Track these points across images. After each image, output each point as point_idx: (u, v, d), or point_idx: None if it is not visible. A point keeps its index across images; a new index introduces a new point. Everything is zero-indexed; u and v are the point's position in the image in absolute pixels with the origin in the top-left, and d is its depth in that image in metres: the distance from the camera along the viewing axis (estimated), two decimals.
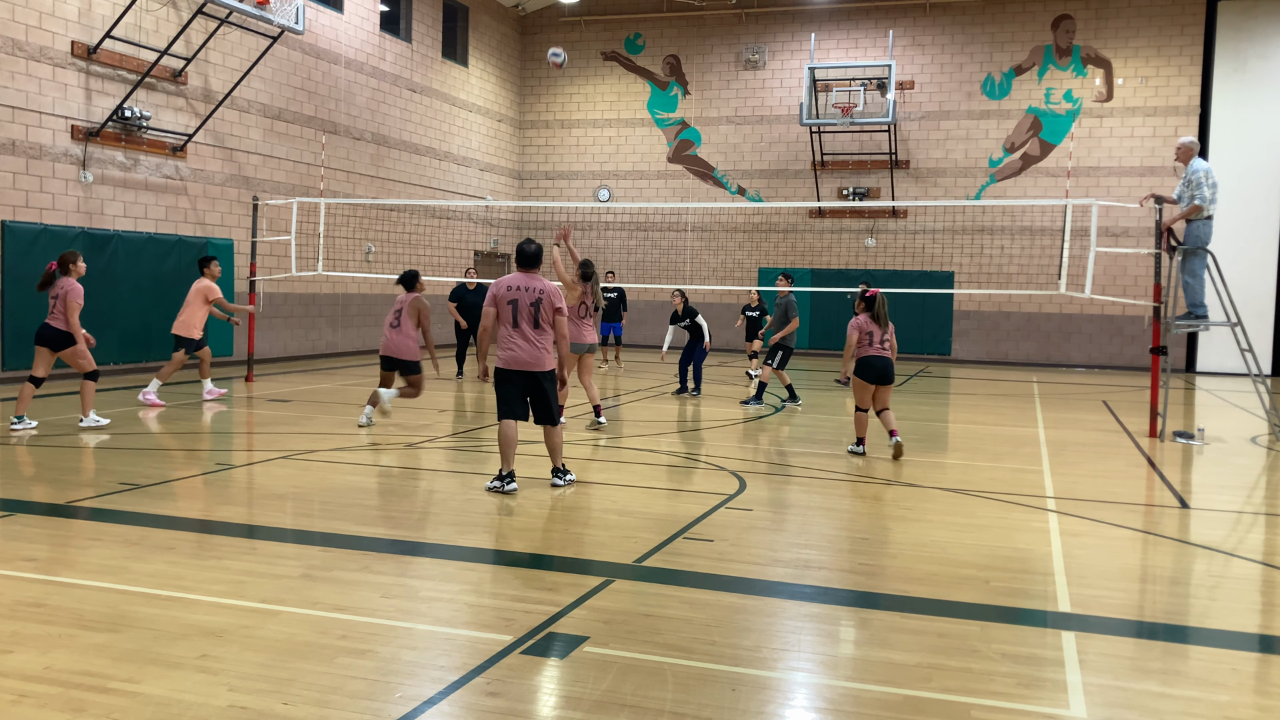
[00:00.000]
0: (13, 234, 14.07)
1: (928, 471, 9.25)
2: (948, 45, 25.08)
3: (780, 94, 26.17)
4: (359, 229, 21.14)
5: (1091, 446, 11.10)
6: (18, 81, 14.20)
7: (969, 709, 3.94)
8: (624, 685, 4.06)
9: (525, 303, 7.85)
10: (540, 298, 7.86)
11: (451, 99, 24.71)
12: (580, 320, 11.47)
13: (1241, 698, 4.13)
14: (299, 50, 19.44)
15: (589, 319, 11.63)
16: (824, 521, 7.22)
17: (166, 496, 7.39)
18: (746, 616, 4.99)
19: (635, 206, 26.33)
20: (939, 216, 24.98)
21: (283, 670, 4.12)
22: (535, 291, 7.87)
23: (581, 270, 11.48)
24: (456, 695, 3.94)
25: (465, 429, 11.57)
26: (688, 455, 9.89)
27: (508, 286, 7.90)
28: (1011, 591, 5.54)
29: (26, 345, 14.35)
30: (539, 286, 7.91)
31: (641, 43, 27.11)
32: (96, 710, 3.73)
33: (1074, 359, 24.29)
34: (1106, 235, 23.32)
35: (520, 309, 7.84)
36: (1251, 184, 22.66)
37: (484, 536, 6.53)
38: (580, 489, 8.14)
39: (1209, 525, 7.36)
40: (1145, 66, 23.86)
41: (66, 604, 4.90)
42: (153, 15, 16.10)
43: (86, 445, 9.57)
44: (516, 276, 7.98)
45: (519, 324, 7.84)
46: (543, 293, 7.88)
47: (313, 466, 8.77)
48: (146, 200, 16.34)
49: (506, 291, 7.89)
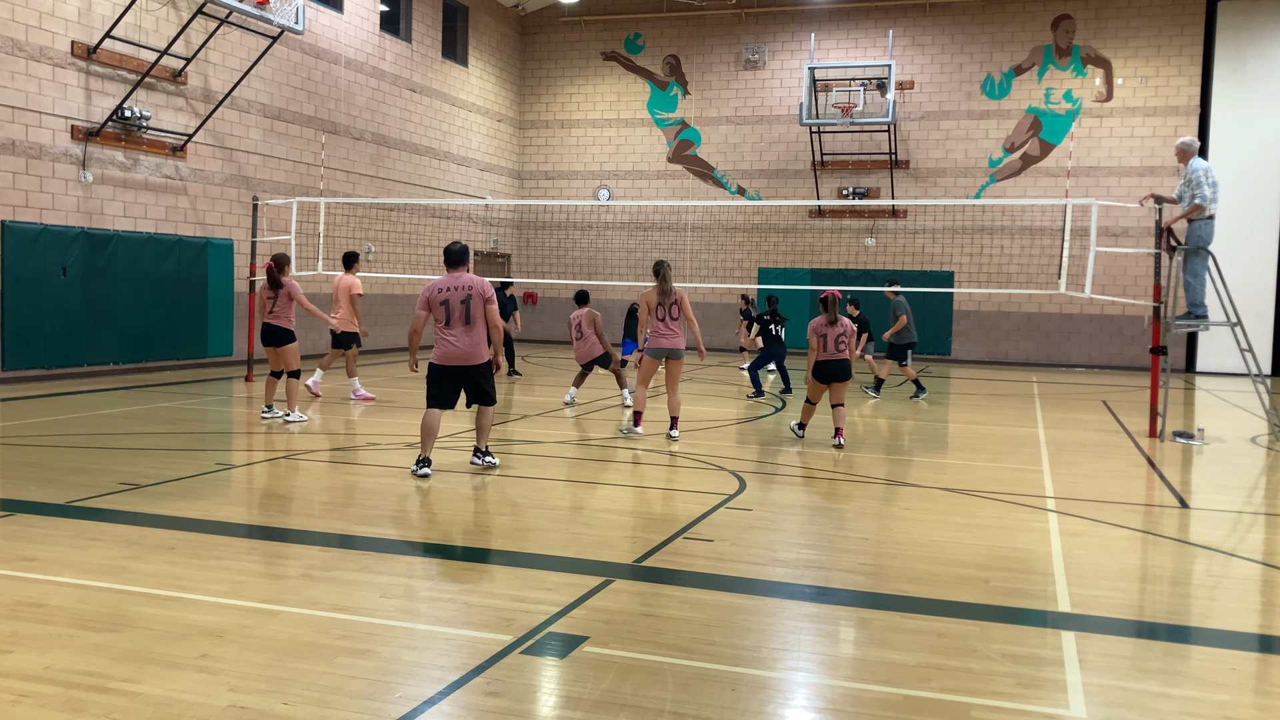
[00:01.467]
0: (13, 234, 14.07)
1: (928, 471, 9.25)
2: (948, 45, 25.08)
3: (780, 94, 26.17)
4: (359, 229, 21.15)
5: (1091, 446, 11.09)
6: (17, 81, 14.19)
7: (969, 709, 3.94)
8: (624, 685, 4.06)
9: (456, 300, 8.26)
10: (470, 294, 8.28)
11: (451, 99, 24.71)
12: (661, 323, 10.71)
13: (1241, 698, 4.13)
14: (299, 50, 19.44)
15: (672, 321, 10.73)
16: (824, 521, 7.22)
17: (166, 496, 7.39)
18: (746, 616, 4.99)
19: (635, 206, 26.35)
20: (939, 216, 24.99)
21: (283, 670, 4.12)
22: (465, 289, 8.28)
23: (655, 268, 10.79)
24: (456, 695, 3.94)
25: (466, 429, 11.56)
26: (688, 455, 9.88)
27: (438, 289, 8.34)
28: (1011, 591, 5.54)
29: (27, 345, 14.37)
30: (467, 283, 8.33)
31: (641, 43, 27.11)
32: (96, 710, 3.72)
33: (1074, 359, 24.29)
34: (1106, 235, 23.32)
35: (452, 307, 8.26)
36: (1251, 184, 22.66)
37: (484, 536, 6.53)
38: (580, 489, 8.14)
39: (1209, 525, 7.36)
40: (1145, 66, 23.86)
41: (66, 604, 4.90)
42: (152, 15, 16.10)
43: (86, 446, 9.57)
44: (447, 278, 8.40)
45: (451, 323, 8.28)
46: (472, 288, 8.30)
47: (312, 466, 8.77)
48: (146, 200, 16.34)
49: (438, 293, 8.32)
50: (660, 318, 10.71)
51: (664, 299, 10.68)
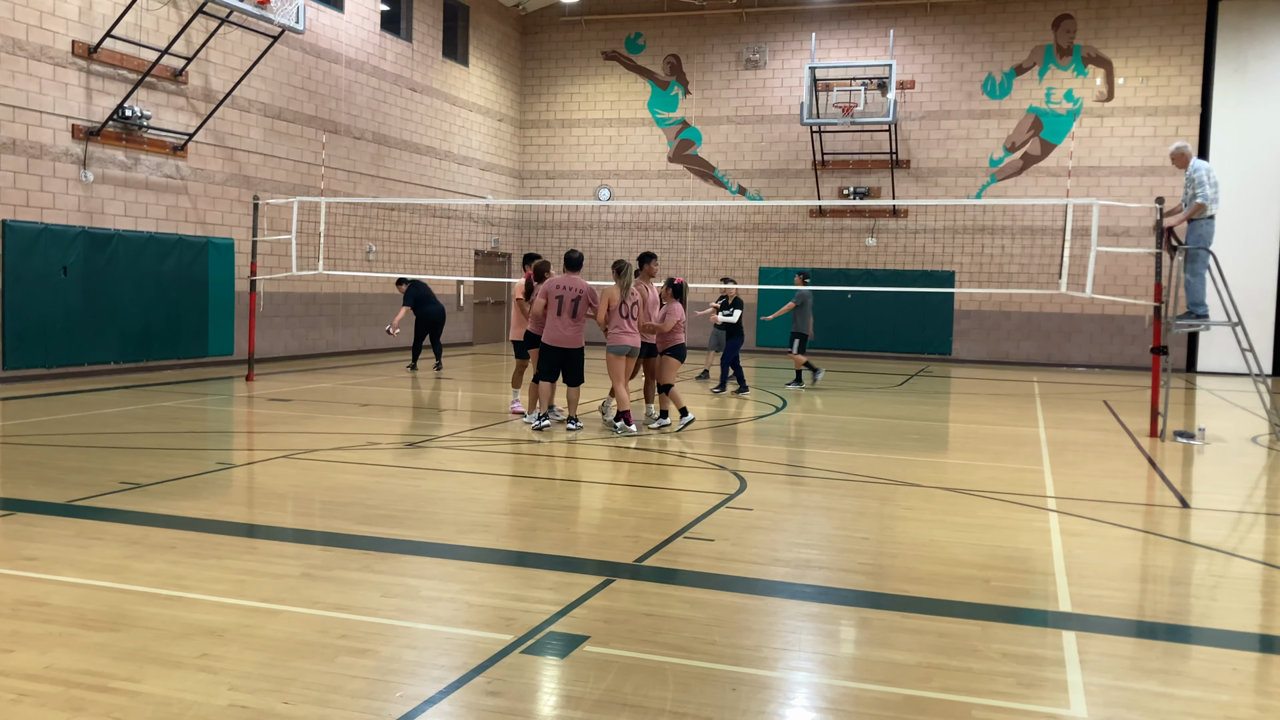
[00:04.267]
0: (13, 233, 14.07)
1: (928, 471, 9.25)
2: (948, 45, 25.07)
3: (781, 93, 26.16)
4: (359, 228, 21.15)
5: (1092, 446, 11.09)
6: (18, 81, 14.20)
7: (969, 709, 3.94)
8: (624, 685, 4.06)
9: (569, 299, 10.68)
10: (580, 296, 10.71)
11: (452, 98, 24.71)
12: (625, 320, 10.85)
13: (1242, 697, 4.13)
14: (299, 50, 19.44)
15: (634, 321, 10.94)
16: (824, 521, 7.22)
17: (167, 496, 7.39)
18: (747, 616, 4.99)
19: (636, 205, 26.34)
20: (939, 216, 24.98)
21: (283, 669, 4.12)
22: (576, 291, 10.73)
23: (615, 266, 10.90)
24: (457, 694, 3.94)
25: (466, 429, 11.56)
26: (688, 455, 9.89)
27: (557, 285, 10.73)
28: (1012, 591, 5.54)
29: (28, 344, 14.37)
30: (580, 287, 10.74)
31: (642, 42, 27.10)
32: (97, 709, 3.73)
33: (1074, 359, 24.28)
34: (1107, 235, 23.31)
35: (564, 303, 10.67)
36: (1251, 184, 22.65)
37: (484, 536, 6.53)
38: (580, 489, 8.14)
39: (1210, 525, 7.36)
40: (1146, 66, 23.85)
41: (67, 603, 4.90)
42: (153, 15, 16.10)
43: (87, 445, 9.58)
44: (564, 278, 10.77)
45: (561, 314, 10.68)
46: (581, 292, 10.70)
47: (313, 466, 8.77)
48: (147, 200, 16.34)
49: (556, 289, 10.71)
50: (624, 315, 10.86)
51: (626, 296, 10.83)
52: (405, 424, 11.55)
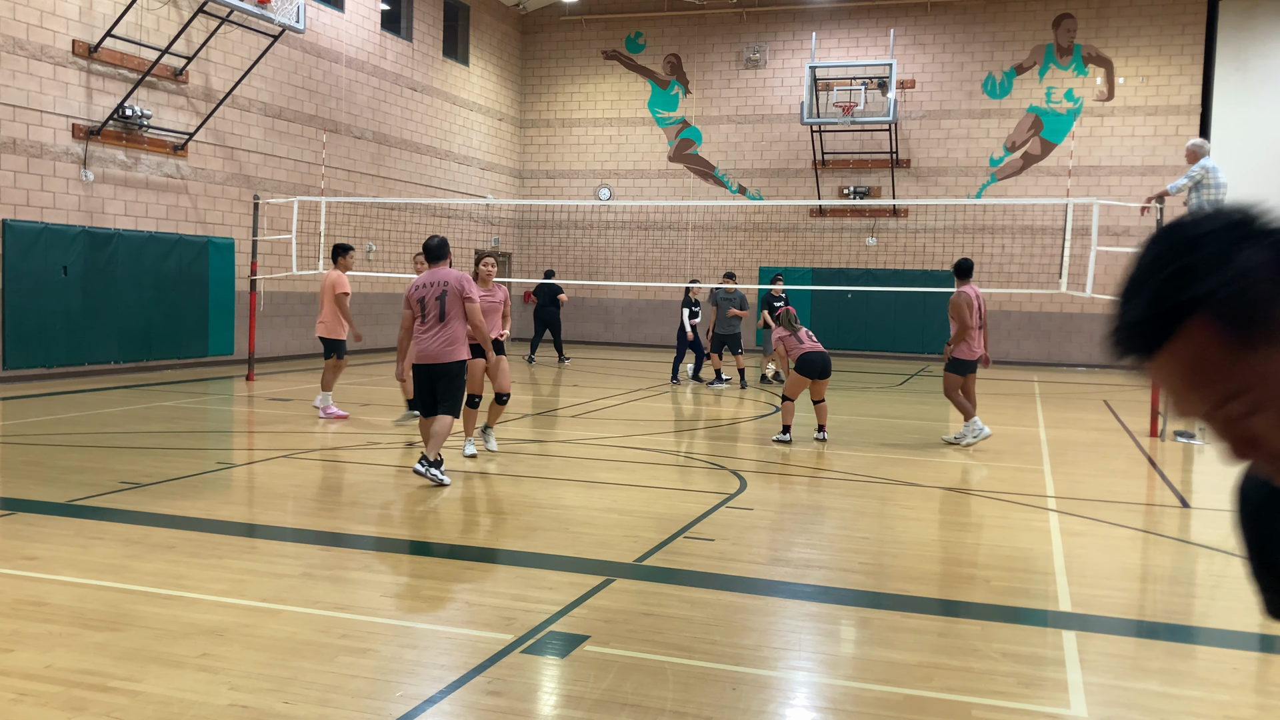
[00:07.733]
0: (14, 233, 14.07)
1: (928, 471, 9.25)
2: (949, 44, 25.06)
3: (781, 93, 26.16)
4: (360, 228, 21.14)
5: (1092, 446, 11.09)
6: (19, 80, 14.19)
7: (970, 708, 3.94)
8: (625, 684, 4.06)
9: (431, 297, 7.94)
10: (445, 290, 7.93)
11: (452, 98, 24.70)
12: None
13: (1242, 697, 4.13)
14: (300, 49, 19.43)
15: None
16: (824, 521, 7.22)
17: (167, 495, 7.39)
18: (747, 616, 4.99)
19: (636, 205, 26.33)
20: (940, 215, 24.97)
21: (283, 669, 4.12)
22: (440, 285, 7.95)
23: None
24: (457, 694, 3.94)
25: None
26: (688, 455, 9.89)
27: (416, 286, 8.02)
28: (1012, 591, 5.53)
29: (28, 344, 14.37)
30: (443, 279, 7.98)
31: (642, 42, 27.10)
32: (97, 709, 3.72)
33: (1075, 358, 24.28)
34: (1107, 234, 23.28)
35: (428, 305, 7.95)
36: (1252, 184, 22.56)
37: (484, 535, 6.53)
38: (580, 489, 8.14)
39: (1210, 525, 7.35)
40: (1146, 65, 23.84)
41: (67, 603, 4.90)
42: (154, 14, 16.10)
43: (87, 445, 9.58)
44: (426, 274, 8.09)
45: (426, 320, 7.96)
46: (447, 284, 7.95)
47: (313, 466, 8.77)
48: (147, 199, 16.34)
49: (415, 291, 8.00)
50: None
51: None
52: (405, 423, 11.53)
